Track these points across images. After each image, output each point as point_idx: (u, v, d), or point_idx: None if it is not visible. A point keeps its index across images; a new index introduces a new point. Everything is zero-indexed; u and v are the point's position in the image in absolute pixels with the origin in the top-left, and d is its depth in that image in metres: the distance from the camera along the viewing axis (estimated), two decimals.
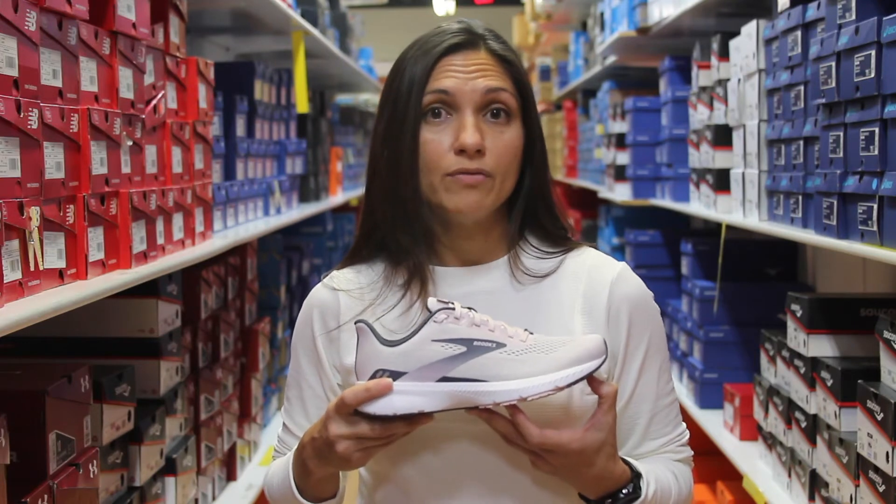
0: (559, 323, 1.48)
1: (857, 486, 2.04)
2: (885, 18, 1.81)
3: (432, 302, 1.34)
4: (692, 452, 1.58)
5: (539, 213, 1.53)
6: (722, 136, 3.15)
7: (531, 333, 1.35)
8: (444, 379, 1.31)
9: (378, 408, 1.31)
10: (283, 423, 1.60)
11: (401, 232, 1.49)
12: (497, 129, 1.46)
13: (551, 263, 1.52)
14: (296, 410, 1.57)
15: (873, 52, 1.83)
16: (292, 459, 1.47)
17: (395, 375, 1.32)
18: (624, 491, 1.41)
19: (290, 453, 1.50)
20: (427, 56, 1.47)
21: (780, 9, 2.52)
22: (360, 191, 6.18)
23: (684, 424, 1.57)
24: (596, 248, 1.58)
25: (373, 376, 1.33)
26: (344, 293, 1.53)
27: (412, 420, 1.33)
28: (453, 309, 1.33)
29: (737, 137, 2.94)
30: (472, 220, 1.48)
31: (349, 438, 1.34)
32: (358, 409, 1.32)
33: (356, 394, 1.31)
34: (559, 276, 1.52)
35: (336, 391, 1.53)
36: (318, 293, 1.56)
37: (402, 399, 1.31)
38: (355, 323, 1.35)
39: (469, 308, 1.35)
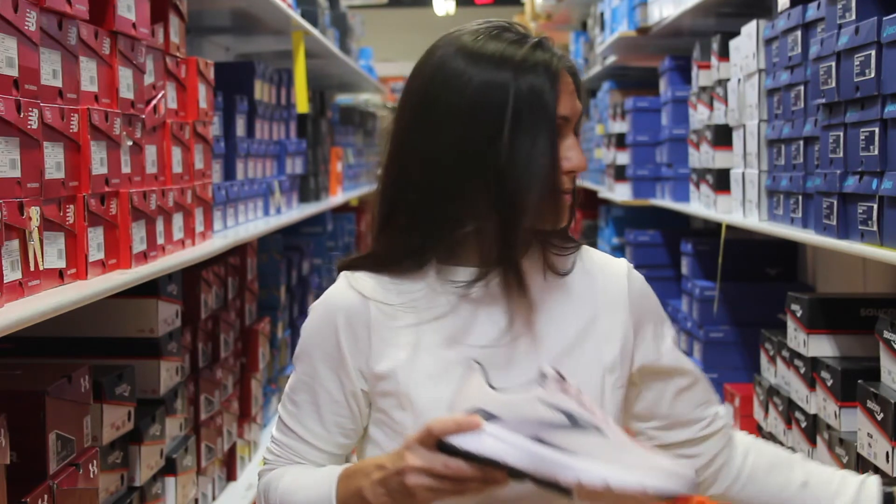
0: (581, 318, 1.52)
1: None
2: (885, 18, 1.81)
3: (548, 369, 1.32)
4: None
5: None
6: (722, 136, 3.15)
7: (627, 435, 1.35)
8: (538, 440, 1.28)
9: (463, 441, 1.28)
10: (288, 428, 1.54)
11: (504, 245, 1.46)
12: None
13: (570, 261, 1.56)
14: (307, 416, 1.52)
15: (873, 52, 1.83)
16: (336, 486, 1.42)
17: (490, 418, 1.29)
18: None
19: (325, 476, 1.45)
20: (544, 74, 1.44)
21: (780, 9, 2.52)
22: (359, 191, 6.18)
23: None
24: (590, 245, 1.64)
25: (469, 413, 1.30)
26: (375, 303, 1.49)
27: (488, 472, 1.28)
28: (566, 381, 1.32)
29: (737, 137, 2.94)
30: None
31: (422, 472, 1.30)
32: (443, 439, 1.29)
33: (445, 423, 1.29)
34: (575, 273, 1.56)
35: (358, 397, 1.49)
36: (345, 296, 1.50)
37: (490, 441, 1.28)
38: (470, 360, 1.34)
39: (579, 389, 1.34)
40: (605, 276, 1.56)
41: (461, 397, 1.32)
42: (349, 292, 1.50)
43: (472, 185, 1.44)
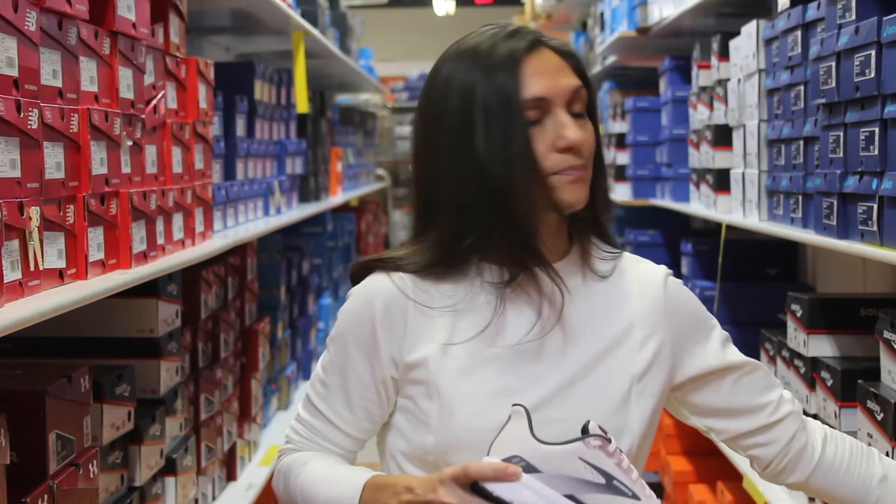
0: (616, 324, 1.52)
1: None
2: (885, 18, 1.81)
3: (593, 425, 1.32)
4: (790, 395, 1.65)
5: (601, 211, 1.56)
6: (722, 136, 3.15)
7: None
8: (572, 498, 1.29)
9: (498, 488, 1.28)
10: (315, 408, 1.57)
11: (513, 244, 1.47)
12: (580, 124, 1.49)
13: (610, 265, 1.57)
14: (336, 398, 1.55)
15: (873, 52, 1.83)
16: (362, 494, 1.43)
17: (529, 469, 1.29)
18: None
19: (352, 478, 1.46)
20: (505, 64, 1.46)
21: (780, 9, 2.52)
22: (359, 191, 6.19)
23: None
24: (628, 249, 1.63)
25: (508, 459, 1.30)
26: (413, 302, 1.51)
27: None
28: (609, 441, 1.31)
29: (737, 137, 2.94)
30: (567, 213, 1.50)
31: None
32: (479, 483, 1.30)
33: (483, 468, 1.30)
34: (614, 279, 1.56)
35: (387, 383, 1.52)
36: (385, 286, 1.52)
37: (525, 493, 1.28)
38: (513, 405, 1.34)
39: (620, 449, 1.33)
40: (642, 285, 1.56)
41: (502, 442, 1.32)
42: (389, 284, 1.52)
43: (468, 188, 1.46)
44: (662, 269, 1.60)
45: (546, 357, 1.49)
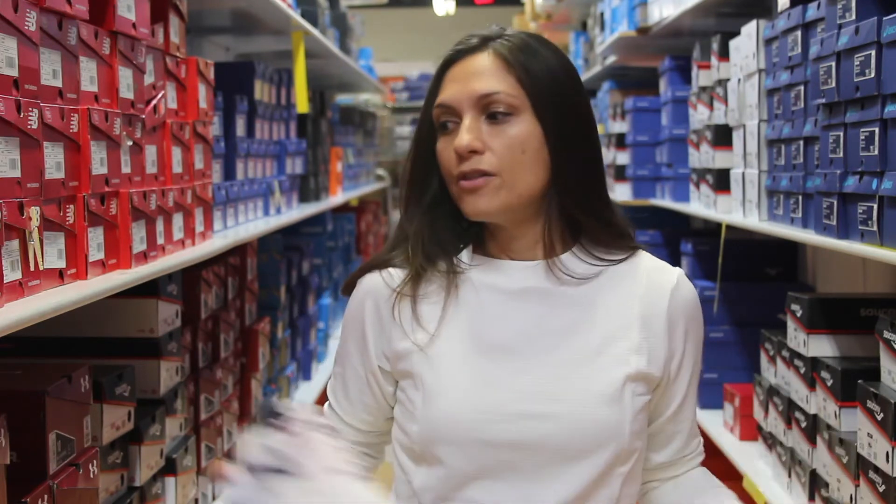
0: (614, 323, 1.52)
1: (857, 486, 2.04)
2: (885, 18, 1.81)
3: (263, 403, 1.34)
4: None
5: (578, 214, 1.53)
6: (722, 136, 3.15)
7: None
8: (263, 488, 1.27)
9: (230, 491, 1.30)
10: (328, 397, 1.67)
11: (430, 242, 1.55)
12: (498, 129, 1.47)
13: (597, 270, 1.55)
14: (339, 388, 1.63)
15: (873, 52, 1.83)
16: None
17: (248, 467, 1.29)
18: None
19: None
20: (436, 75, 1.55)
21: (780, 9, 2.52)
22: (359, 191, 6.19)
23: None
24: (646, 248, 1.62)
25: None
26: (399, 295, 1.55)
27: None
28: (279, 416, 1.29)
29: (737, 137, 2.95)
30: (501, 220, 1.52)
31: None
32: None
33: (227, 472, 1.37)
34: (613, 277, 1.55)
35: (377, 374, 1.57)
36: (374, 282, 1.58)
37: (235, 490, 1.28)
38: (266, 399, 1.37)
39: (307, 422, 1.30)
40: (650, 288, 1.56)
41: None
42: (379, 280, 1.57)
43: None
44: (674, 276, 1.59)
45: (532, 350, 1.50)
